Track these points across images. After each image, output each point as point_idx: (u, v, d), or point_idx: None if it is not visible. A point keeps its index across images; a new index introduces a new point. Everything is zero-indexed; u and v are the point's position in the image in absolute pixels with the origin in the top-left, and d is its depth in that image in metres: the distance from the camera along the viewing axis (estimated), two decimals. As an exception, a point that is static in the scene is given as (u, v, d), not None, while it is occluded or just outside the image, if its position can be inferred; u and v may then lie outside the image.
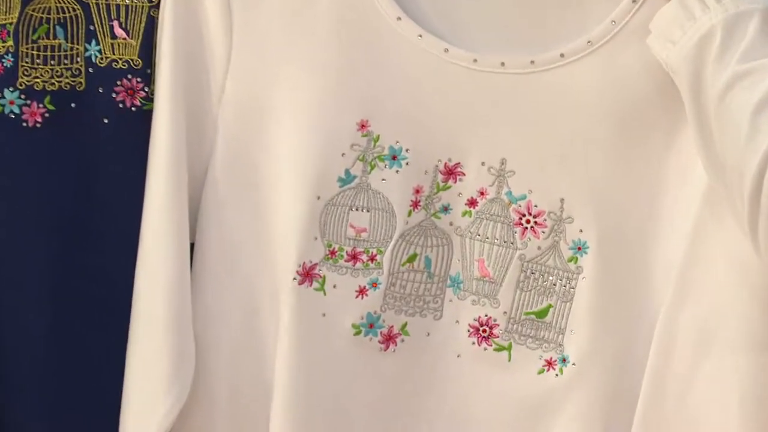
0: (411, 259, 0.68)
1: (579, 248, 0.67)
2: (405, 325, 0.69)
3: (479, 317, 0.68)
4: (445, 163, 0.67)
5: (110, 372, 0.66)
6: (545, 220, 0.67)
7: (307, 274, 0.66)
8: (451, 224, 0.69)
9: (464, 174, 0.68)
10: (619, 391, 0.66)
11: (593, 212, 0.66)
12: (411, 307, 0.68)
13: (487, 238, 0.68)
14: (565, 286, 0.67)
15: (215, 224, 0.66)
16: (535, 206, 0.67)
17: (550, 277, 0.67)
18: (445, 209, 0.68)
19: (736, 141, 0.54)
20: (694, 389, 0.63)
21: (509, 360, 0.68)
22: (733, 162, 0.54)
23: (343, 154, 0.66)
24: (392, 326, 0.68)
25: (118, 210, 0.67)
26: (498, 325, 0.68)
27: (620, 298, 0.66)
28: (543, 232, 0.67)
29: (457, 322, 0.69)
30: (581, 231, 0.67)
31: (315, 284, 0.66)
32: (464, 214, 0.68)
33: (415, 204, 0.68)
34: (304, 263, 0.66)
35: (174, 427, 0.64)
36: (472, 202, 0.68)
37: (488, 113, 0.66)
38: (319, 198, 0.66)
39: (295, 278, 0.66)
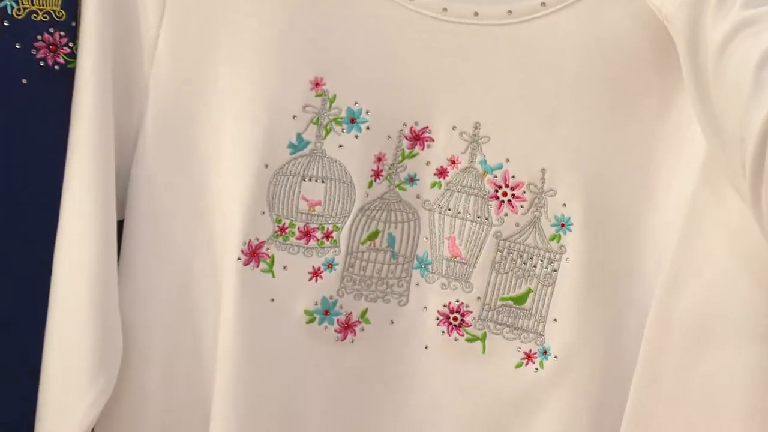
0: (372, 236, 0.66)
1: (562, 225, 0.66)
2: (365, 311, 0.67)
3: (450, 303, 0.67)
4: (411, 128, 0.66)
5: (33, 349, 0.63)
6: (524, 192, 0.66)
7: (253, 254, 0.64)
8: (417, 197, 0.67)
9: (433, 140, 0.66)
10: (607, 389, 0.65)
11: (578, 184, 0.65)
12: (372, 292, 0.67)
13: (459, 212, 0.66)
14: (546, 268, 0.66)
15: (146, 198, 0.64)
16: (513, 177, 0.66)
17: (530, 258, 0.66)
18: (411, 180, 0.66)
19: (737, 99, 0.52)
20: (691, 386, 0.63)
21: (483, 352, 0.67)
22: (733, 123, 0.53)
23: (294, 117, 0.64)
24: (350, 313, 0.67)
25: (38, 182, 0.63)
26: (471, 312, 0.67)
27: (609, 282, 0.65)
28: (522, 207, 0.66)
29: (425, 308, 0.68)
30: (564, 205, 0.65)
31: (262, 265, 0.65)
32: (433, 185, 0.66)
33: (377, 174, 0.66)
34: (249, 241, 0.64)
35: (99, 422, 0.62)
36: (441, 172, 0.66)
37: (460, 70, 0.64)
38: (266, 166, 0.64)
39: (239, 258, 0.64)
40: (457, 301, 0.67)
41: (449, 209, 0.66)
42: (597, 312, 0.65)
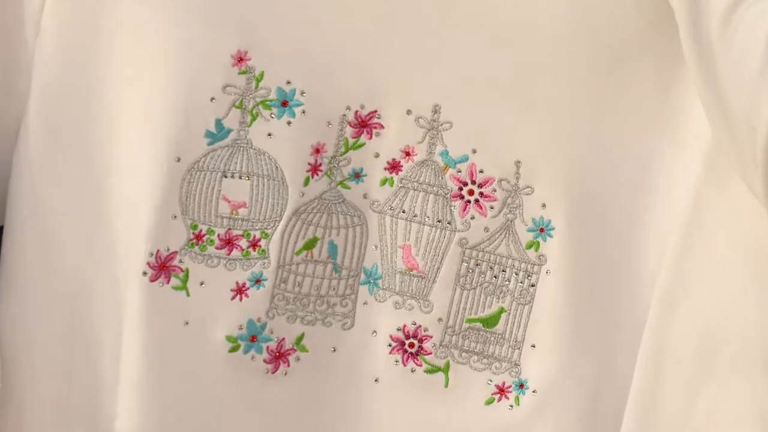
0: (309, 245, 0.65)
1: (541, 230, 0.65)
2: (301, 337, 0.66)
3: (405, 326, 0.66)
4: (356, 112, 0.64)
5: None
6: (494, 190, 0.65)
7: (162, 267, 0.63)
8: (365, 196, 0.66)
9: (383, 126, 0.65)
10: (595, 429, 0.65)
11: (560, 180, 0.64)
12: (310, 313, 0.66)
13: (415, 215, 0.65)
14: (522, 283, 0.65)
15: (29, 200, 0.63)
16: (481, 171, 0.65)
17: (502, 271, 0.66)
18: (357, 176, 0.66)
19: (745, 77, 0.52)
20: (693, 423, 0.62)
21: (446, 385, 0.66)
22: (742, 106, 0.53)
23: (212, 99, 0.62)
24: (283, 339, 0.66)
25: None
26: (431, 338, 0.66)
27: (598, 300, 0.65)
28: (491, 208, 0.65)
29: (375, 332, 0.67)
30: (544, 206, 0.65)
31: (173, 281, 0.63)
32: (383, 182, 0.65)
33: (315, 168, 0.65)
34: (157, 252, 0.63)
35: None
36: (393, 166, 0.65)
37: (415, 41, 0.63)
38: (178, 160, 0.62)
39: (144, 273, 0.62)
40: (414, 324, 0.66)
41: (403, 211, 0.65)
42: (584, 336, 0.65)
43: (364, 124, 0.65)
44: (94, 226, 0.63)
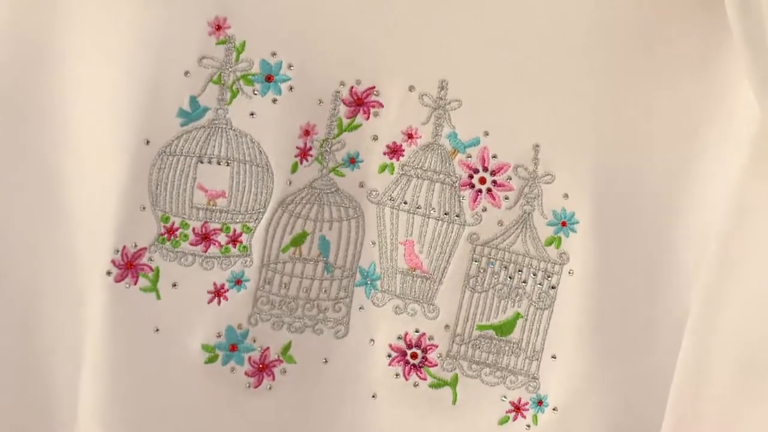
0: (297, 240, 0.65)
1: (563, 223, 0.64)
2: (288, 346, 0.65)
3: (406, 334, 0.65)
4: (352, 88, 0.64)
5: None
6: (510, 178, 0.64)
7: (128, 266, 0.62)
8: (361, 185, 0.65)
9: (382, 105, 0.64)
10: None
11: (585, 166, 0.63)
12: (298, 319, 0.65)
13: (419, 207, 0.65)
14: (541, 285, 0.65)
15: None
16: (494, 156, 0.64)
17: (518, 271, 0.65)
18: (352, 161, 0.65)
19: None
20: None
21: (454, 402, 0.65)
22: None
23: (186, 73, 0.61)
24: (267, 349, 0.65)
25: None
26: (436, 347, 0.65)
27: (628, 303, 0.64)
28: (506, 198, 0.64)
29: (372, 341, 0.66)
30: (566, 196, 0.63)
31: (142, 281, 0.62)
32: (382, 168, 0.65)
33: (304, 153, 0.64)
34: (123, 248, 0.62)
35: None
36: (394, 151, 0.65)
37: (420, 7, 0.62)
38: (147, 143, 0.61)
39: (108, 272, 0.61)
40: (417, 332, 0.65)
41: (405, 202, 0.65)
42: (612, 345, 0.64)
43: (361, 102, 0.64)
44: (49, 222, 0.62)
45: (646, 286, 0.64)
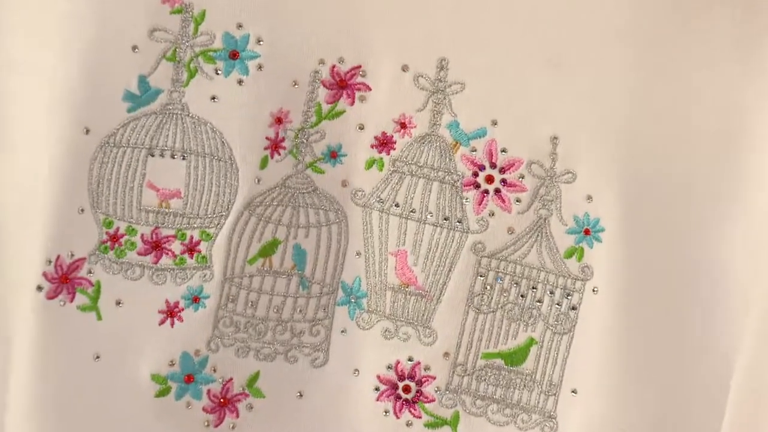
0: (267, 250, 0.63)
1: (586, 231, 0.63)
2: (255, 377, 0.64)
3: (398, 363, 0.64)
4: (333, 67, 0.62)
5: None
6: (522, 177, 0.63)
7: (63, 279, 0.61)
8: (344, 184, 0.64)
9: (369, 87, 0.63)
10: None
11: (612, 162, 0.62)
12: (267, 344, 0.64)
13: (413, 210, 0.63)
14: (559, 305, 0.63)
15: None
16: (503, 151, 0.63)
17: (532, 288, 0.64)
18: (334, 155, 0.64)
19: None
20: None
21: None
22: None
23: (134, 48, 0.59)
24: (230, 380, 0.64)
25: None
26: (433, 379, 0.64)
27: (663, 326, 0.62)
28: (518, 201, 0.63)
29: (356, 371, 0.65)
30: (590, 198, 0.62)
31: (80, 299, 0.61)
32: (370, 164, 0.63)
33: (276, 145, 0.63)
34: (58, 258, 0.60)
35: None
36: (384, 143, 0.63)
37: None
38: (87, 132, 0.59)
39: (39, 287, 0.60)
40: (411, 360, 0.64)
41: (397, 205, 0.63)
42: (643, 378, 0.62)
43: (344, 85, 0.63)
44: None
45: (684, 304, 0.62)
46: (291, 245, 0.63)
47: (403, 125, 0.63)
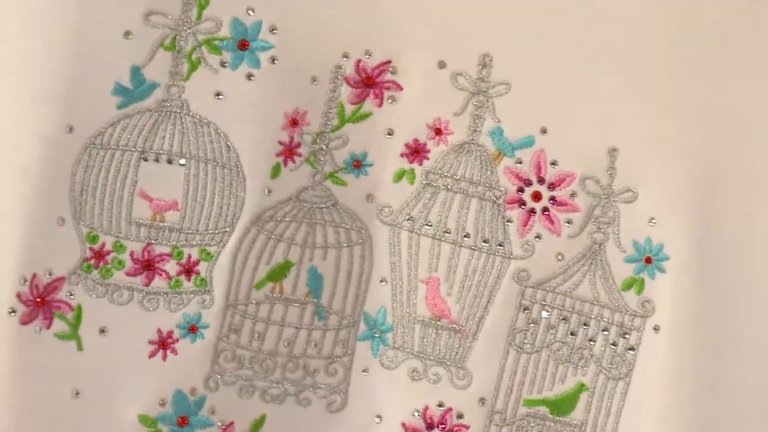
0: (278, 273, 0.60)
1: (648, 260, 0.60)
2: (261, 421, 0.61)
3: (426, 409, 0.61)
4: (359, 62, 0.59)
5: None
6: (574, 194, 0.60)
7: (40, 302, 0.57)
8: (369, 199, 0.61)
9: (400, 87, 0.59)
10: None
11: (680, 179, 0.59)
12: (276, 384, 0.60)
13: (448, 231, 0.60)
14: (615, 345, 0.61)
15: None
16: (553, 164, 0.60)
17: (584, 324, 0.61)
18: (358, 165, 0.60)
19: None
20: None
21: None
22: None
23: (126, 35, 0.56)
24: (231, 424, 0.60)
25: None
26: (467, 428, 0.61)
27: (734, 377, 0.60)
28: (569, 223, 0.60)
29: (379, 418, 0.62)
30: (653, 221, 0.60)
31: (58, 324, 0.57)
32: (399, 176, 0.60)
33: (290, 150, 0.59)
34: (34, 277, 0.57)
35: None
36: (416, 151, 0.60)
37: None
38: (70, 130, 0.56)
39: (12, 311, 0.56)
40: (441, 406, 0.61)
41: (429, 224, 0.60)
42: (711, 428, 0.60)
43: (371, 83, 0.60)
44: None
45: (760, 352, 0.60)
46: (305, 268, 0.60)
47: (438, 131, 0.59)
